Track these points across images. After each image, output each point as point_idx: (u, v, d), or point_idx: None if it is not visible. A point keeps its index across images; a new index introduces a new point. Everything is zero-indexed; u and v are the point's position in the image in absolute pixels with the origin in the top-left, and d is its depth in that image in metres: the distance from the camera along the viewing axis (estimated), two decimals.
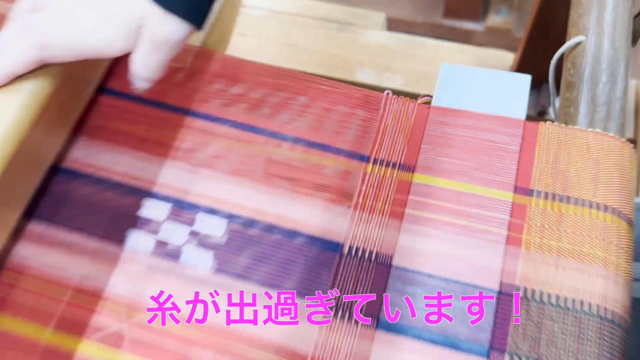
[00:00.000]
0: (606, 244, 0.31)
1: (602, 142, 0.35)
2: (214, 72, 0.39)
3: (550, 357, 0.29)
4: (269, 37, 0.68)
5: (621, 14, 0.42)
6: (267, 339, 0.31)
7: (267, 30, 0.75)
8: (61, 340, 0.31)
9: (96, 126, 0.37)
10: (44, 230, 0.34)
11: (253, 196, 0.35)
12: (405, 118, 0.37)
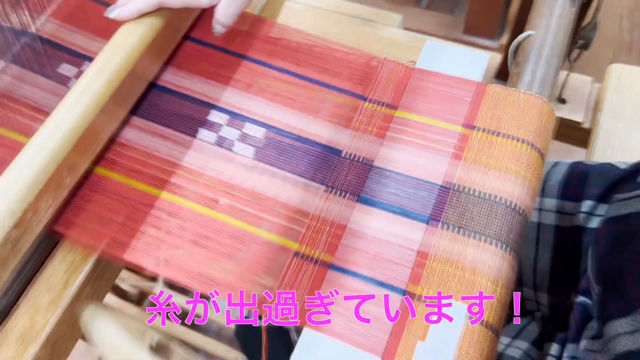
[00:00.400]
0: (520, 163, 0.46)
1: (529, 100, 0.50)
2: (264, 32, 0.55)
3: (468, 226, 0.44)
4: (306, 26, 0.86)
5: (565, 19, 0.57)
6: (287, 200, 0.46)
7: (305, 21, 0.92)
8: (149, 190, 0.47)
9: (181, 60, 0.54)
10: (141, 123, 0.50)
11: (284, 116, 0.51)
12: (395, 74, 0.53)
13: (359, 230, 0.45)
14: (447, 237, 0.44)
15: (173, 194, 0.47)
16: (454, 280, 0.42)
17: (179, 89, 0.52)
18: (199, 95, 0.52)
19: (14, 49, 0.52)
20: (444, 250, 0.43)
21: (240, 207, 0.46)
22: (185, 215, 0.46)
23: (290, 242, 0.45)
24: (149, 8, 0.47)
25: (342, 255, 0.44)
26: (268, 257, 0.44)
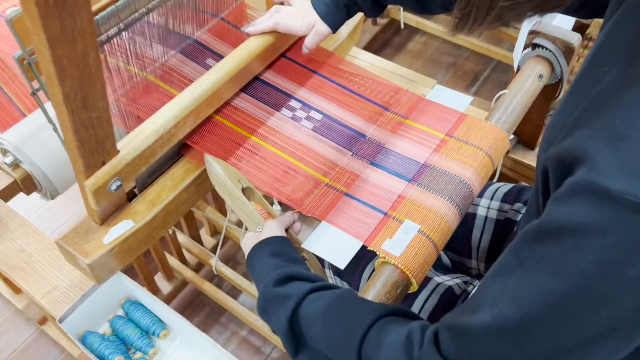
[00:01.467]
0: (475, 160, 0.73)
1: (492, 127, 0.77)
2: (333, 61, 0.86)
3: (433, 187, 0.71)
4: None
5: (532, 87, 0.85)
6: (327, 155, 0.75)
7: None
8: (244, 133, 0.77)
9: (277, 67, 0.85)
10: (247, 97, 0.81)
11: (335, 109, 0.80)
12: (411, 100, 0.82)
13: (366, 179, 0.73)
14: (419, 190, 0.71)
15: (258, 138, 0.77)
16: (416, 213, 0.68)
17: (273, 83, 0.83)
18: (285, 89, 0.83)
19: (182, 45, 0.85)
20: (415, 197, 0.70)
21: (299, 154, 0.75)
22: (263, 152, 0.75)
23: (323, 177, 0.73)
24: (267, 29, 0.79)
25: (353, 190, 0.72)
26: (309, 182, 0.72)
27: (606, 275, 0.35)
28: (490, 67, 2.00)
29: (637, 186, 0.33)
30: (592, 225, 0.35)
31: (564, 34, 0.84)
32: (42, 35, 0.44)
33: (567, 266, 0.37)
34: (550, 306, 0.38)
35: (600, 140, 0.35)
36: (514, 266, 0.41)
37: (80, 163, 0.60)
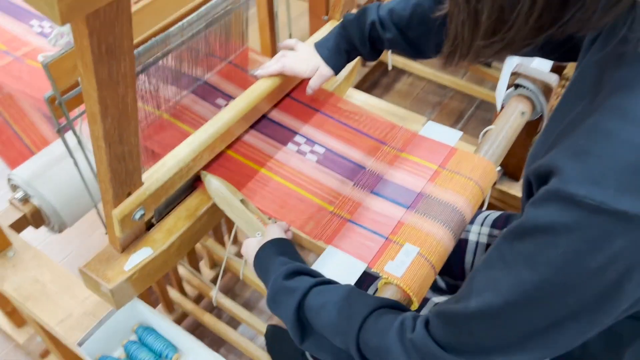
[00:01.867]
0: (466, 190, 0.80)
1: (481, 160, 0.84)
2: (333, 101, 0.94)
3: (429, 214, 0.77)
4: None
5: (515, 123, 0.93)
6: (330, 186, 0.81)
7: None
8: (254, 166, 0.83)
9: (282, 106, 0.92)
10: (256, 133, 0.88)
11: (336, 144, 0.87)
12: (405, 135, 0.89)
13: (368, 206, 0.79)
14: (416, 217, 0.77)
15: (267, 171, 0.83)
16: (415, 237, 0.75)
17: (279, 120, 0.90)
18: (290, 126, 0.90)
19: (194, 86, 0.92)
20: (413, 222, 0.77)
21: (305, 184, 0.82)
22: (273, 184, 0.82)
23: (328, 206, 0.79)
24: (275, 72, 0.87)
25: (356, 216, 0.78)
26: (315, 210, 0.78)
27: (572, 265, 0.42)
28: (474, 106, 2.10)
29: (597, 192, 0.40)
30: (561, 225, 0.42)
31: (543, 75, 0.93)
32: (92, 79, 0.50)
33: (540, 259, 0.44)
34: (526, 293, 0.45)
35: (568, 156, 0.43)
36: (496, 260, 0.48)
37: (110, 194, 0.65)
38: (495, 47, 0.47)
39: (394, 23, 0.83)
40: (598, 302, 0.44)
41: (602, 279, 0.42)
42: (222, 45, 0.94)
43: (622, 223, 0.40)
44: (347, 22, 0.85)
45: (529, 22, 0.44)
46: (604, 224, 0.40)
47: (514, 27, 0.44)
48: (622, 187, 0.40)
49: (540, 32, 0.45)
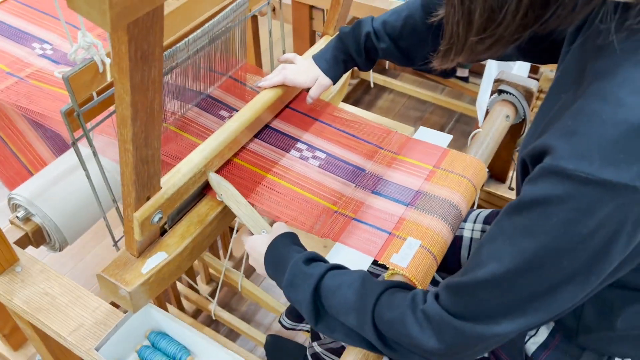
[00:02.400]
0: (461, 186, 0.86)
1: (472, 159, 0.90)
2: (330, 110, 0.99)
3: (428, 209, 0.82)
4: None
5: (500, 126, 0.99)
6: (333, 187, 0.86)
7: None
8: (261, 172, 0.88)
9: (284, 116, 0.97)
10: (260, 142, 0.92)
11: (336, 149, 0.92)
12: (400, 139, 0.95)
13: (370, 205, 0.84)
14: (416, 213, 0.82)
15: (273, 176, 0.88)
16: (416, 231, 0.80)
17: (281, 129, 0.95)
18: (292, 134, 0.95)
19: (197, 100, 0.97)
20: (414, 218, 0.82)
21: (309, 187, 0.86)
22: (279, 188, 0.86)
23: (333, 206, 0.84)
24: (277, 84, 0.92)
25: (360, 215, 0.83)
26: (320, 211, 0.83)
27: (566, 232, 0.48)
28: (454, 119, 2.19)
29: (584, 165, 0.46)
30: (555, 196, 0.48)
31: (524, 81, 1.00)
32: (127, 84, 0.55)
33: (537, 229, 0.50)
34: (526, 260, 0.51)
35: (558, 137, 0.49)
36: (497, 234, 0.54)
37: (132, 196, 0.69)
38: (486, 43, 0.53)
39: (387, 34, 0.89)
40: (589, 265, 0.50)
41: (592, 242, 0.48)
42: (224, 61, 0.99)
43: (608, 191, 0.46)
44: (343, 34, 0.92)
45: (515, 20, 0.50)
46: (592, 193, 0.46)
47: (503, 24, 0.51)
48: (606, 160, 0.46)
49: (525, 28, 0.51)
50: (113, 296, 0.80)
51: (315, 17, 1.69)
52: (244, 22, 0.99)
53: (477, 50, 0.55)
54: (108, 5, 0.43)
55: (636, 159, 0.45)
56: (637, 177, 0.45)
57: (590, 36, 0.56)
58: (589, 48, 0.55)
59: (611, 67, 0.49)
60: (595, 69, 0.51)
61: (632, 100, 0.46)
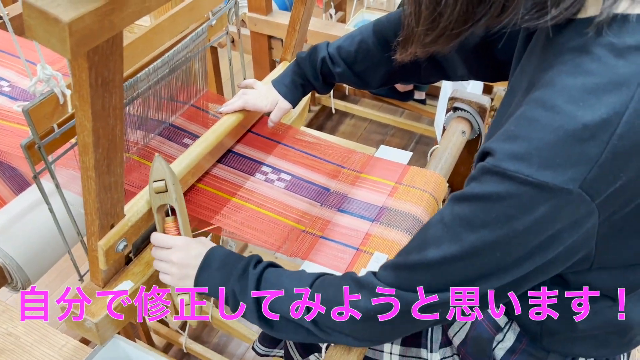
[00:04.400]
0: (422, 200, 0.88)
1: (432, 174, 0.93)
2: (291, 132, 1.01)
3: (392, 224, 0.84)
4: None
5: (457, 141, 1.03)
6: (299, 208, 0.87)
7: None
8: (225, 196, 0.88)
9: (246, 140, 0.99)
10: (223, 167, 0.93)
11: (300, 170, 0.94)
12: (362, 158, 0.97)
13: (337, 223, 0.86)
14: (382, 228, 0.84)
15: (238, 199, 0.88)
16: (383, 245, 0.81)
17: (244, 153, 0.97)
18: (255, 157, 0.96)
19: (160, 129, 0.97)
20: (380, 233, 0.83)
21: (276, 208, 0.87)
22: (245, 210, 0.87)
23: (300, 226, 0.85)
24: (238, 109, 0.94)
25: (327, 233, 0.84)
26: (288, 231, 0.84)
27: (503, 226, 0.52)
28: (414, 141, 2.24)
29: (524, 167, 0.49)
30: (495, 194, 0.51)
31: (478, 98, 1.04)
32: (88, 111, 0.55)
33: (476, 221, 0.53)
34: (462, 249, 0.54)
35: (501, 140, 0.52)
36: (437, 221, 0.58)
37: (96, 224, 0.69)
38: (432, 35, 0.56)
39: (342, 58, 0.92)
40: (521, 258, 0.54)
41: (526, 238, 0.52)
42: (185, 90, 1.00)
43: (544, 192, 0.49)
44: (300, 59, 0.94)
45: (454, 13, 0.53)
46: (530, 193, 0.50)
47: (444, 15, 0.53)
48: (544, 163, 0.49)
49: (466, 22, 0.53)
50: (79, 329, 0.79)
51: (275, 47, 1.73)
52: (204, 51, 1.00)
53: (426, 42, 0.58)
54: (68, 33, 0.44)
55: (571, 163, 0.48)
56: (570, 180, 0.48)
57: (534, 49, 0.60)
58: (533, 60, 0.59)
59: (552, 77, 0.53)
60: (539, 79, 0.55)
61: (568, 108, 0.49)
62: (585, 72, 0.49)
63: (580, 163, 0.48)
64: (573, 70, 0.51)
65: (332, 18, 1.97)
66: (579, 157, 0.48)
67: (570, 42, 0.52)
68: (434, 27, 0.55)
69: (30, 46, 1.07)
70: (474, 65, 0.85)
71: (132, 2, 0.48)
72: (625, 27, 0.50)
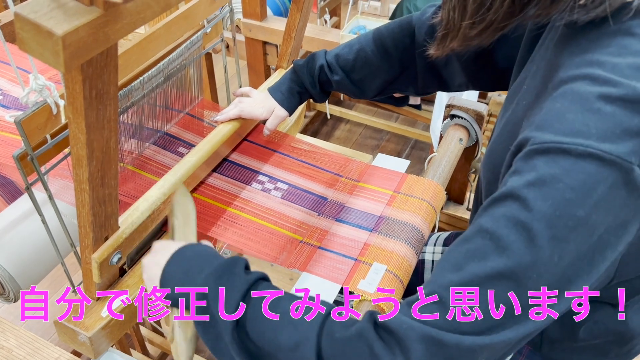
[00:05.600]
0: (421, 209, 0.88)
1: (430, 182, 0.92)
2: (287, 140, 1.00)
3: (391, 234, 0.83)
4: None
5: (455, 149, 1.02)
6: (297, 218, 0.86)
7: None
8: (221, 205, 0.87)
9: (241, 148, 0.97)
10: (219, 176, 0.92)
11: (298, 179, 0.93)
12: (359, 167, 0.96)
13: (335, 233, 0.85)
14: (380, 238, 0.83)
15: (234, 209, 0.87)
16: (382, 256, 0.80)
17: (240, 162, 0.95)
18: (252, 166, 0.95)
19: (155, 138, 0.96)
20: (378, 243, 0.82)
21: (272, 218, 0.86)
22: (241, 221, 0.86)
23: (298, 236, 0.84)
24: (233, 117, 0.92)
25: (325, 243, 0.83)
26: (285, 242, 0.83)
27: (561, 216, 0.44)
28: (409, 146, 2.24)
29: (581, 140, 0.44)
30: (549, 176, 0.45)
31: (475, 105, 1.04)
32: (82, 123, 0.54)
33: (523, 217, 0.45)
34: (516, 259, 0.45)
35: (544, 124, 0.48)
36: (473, 233, 0.50)
37: (90, 237, 0.67)
38: (477, 28, 0.54)
39: (340, 66, 0.91)
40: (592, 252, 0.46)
41: (589, 228, 0.45)
42: (180, 98, 0.99)
43: (606, 167, 0.44)
44: (297, 67, 0.93)
45: (503, 6, 0.52)
46: (590, 168, 0.44)
47: (492, 9, 0.52)
48: (603, 135, 0.45)
49: (512, 15, 0.52)
50: (73, 343, 0.77)
51: (270, 53, 1.72)
52: (199, 59, 0.99)
53: (469, 36, 0.56)
54: (61, 47, 0.43)
55: (631, 135, 0.45)
56: (632, 152, 0.44)
57: (545, 45, 0.59)
58: (548, 54, 0.58)
59: (596, 57, 0.50)
60: (570, 63, 0.52)
61: (625, 81, 0.46)
62: (634, 52, 0.48)
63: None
64: (620, 51, 0.49)
65: (326, 24, 1.96)
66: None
67: (609, 26, 0.51)
68: (481, 21, 0.53)
69: (22, 53, 1.06)
70: (473, 74, 0.84)
71: (127, 14, 0.47)
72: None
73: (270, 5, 1.84)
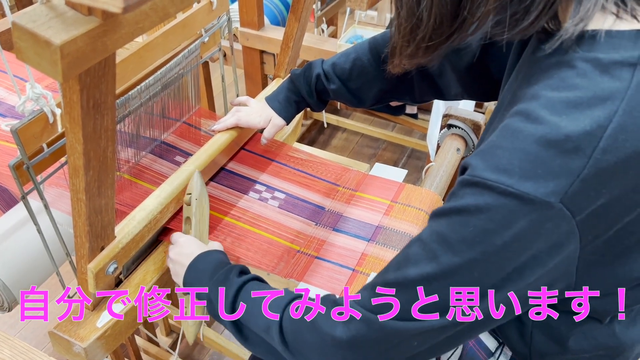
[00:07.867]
0: (417, 219, 0.87)
1: (427, 192, 0.92)
2: (285, 150, 1.00)
3: (388, 243, 0.83)
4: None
5: (452, 159, 1.02)
6: (294, 227, 0.86)
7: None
8: (218, 215, 0.87)
9: (239, 158, 0.97)
10: (216, 184, 0.92)
11: (295, 189, 0.93)
12: (357, 176, 0.96)
13: (332, 243, 0.84)
14: (378, 247, 0.83)
15: (231, 218, 0.87)
16: (379, 266, 0.80)
17: (237, 171, 0.95)
18: (249, 175, 0.95)
19: (152, 146, 0.96)
20: (376, 253, 0.82)
21: (270, 228, 0.86)
22: (239, 230, 0.85)
23: (295, 246, 0.84)
24: (231, 126, 0.92)
25: (322, 253, 0.83)
26: (283, 251, 0.82)
27: (481, 242, 0.49)
28: (406, 155, 2.24)
29: (505, 178, 0.47)
30: (474, 206, 0.49)
31: (472, 115, 1.04)
32: (79, 133, 0.54)
33: (453, 237, 0.50)
34: (440, 268, 0.51)
35: (481, 153, 0.50)
36: (416, 239, 0.55)
37: (86, 247, 0.67)
38: (411, 46, 0.55)
39: (337, 75, 0.91)
40: (502, 279, 0.50)
41: (505, 255, 0.49)
42: (177, 107, 0.98)
43: (526, 205, 0.47)
44: (294, 76, 0.93)
45: (428, 26, 0.53)
46: (510, 205, 0.47)
47: (420, 27, 0.53)
48: (526, 174, 0.47)
49: (441, 35, 0.53)
50: (67, 354, 0.77)
51: (267, 62, 1.72)
52: (196, 68, 0.99)
53: (406, 54, 0.57)
54: (59, 56, 0.43)
55: (553, 175, 0.46)
56: (552, 193, 0.46)
57: (522, 65, 0.59)
58: (520, 76, 0.59)
59: (537, 90, 0.51)
60: (524, 92, 0.53)
61: (552, 119, 0.47)
62: (570, 86, 0.49)
63: (562, 175, 0.46)
64: (558, 84, 0.50)
65: (324, 33, 1.97)
66: (561, 169, 0.46)
67: (556, 57, 0.52)
68: (412, 39, 0.55)
69: (18, 61, 1.06)
70: (468, 84, 0.84)
71: (125, 24, 0.47)
72: (609, 42, 0.49)
73: (268, 15, 1.85)
